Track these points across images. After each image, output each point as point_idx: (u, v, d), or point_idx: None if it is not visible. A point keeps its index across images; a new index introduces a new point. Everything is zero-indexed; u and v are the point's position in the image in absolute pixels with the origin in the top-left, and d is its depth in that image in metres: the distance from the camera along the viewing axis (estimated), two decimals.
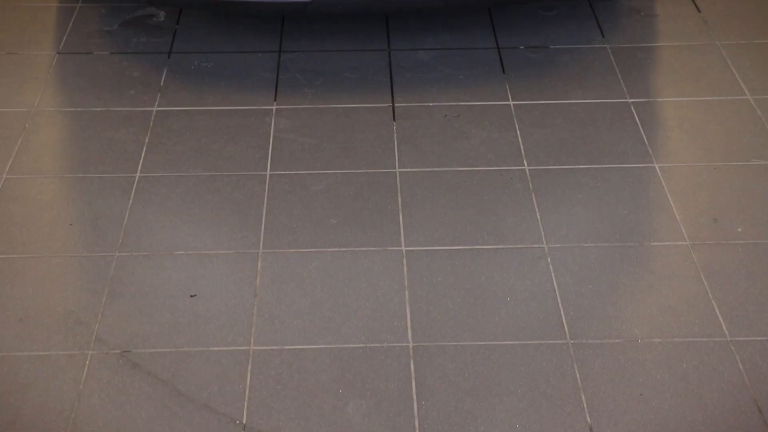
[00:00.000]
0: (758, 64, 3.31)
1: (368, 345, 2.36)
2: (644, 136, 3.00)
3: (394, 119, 3.08)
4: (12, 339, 2.37)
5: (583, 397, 2.24)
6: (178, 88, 3.21)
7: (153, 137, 3.00)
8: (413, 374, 2.29)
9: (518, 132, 3.02)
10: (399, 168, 2.89)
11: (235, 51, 3.39)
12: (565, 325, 2.40)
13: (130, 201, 2.76)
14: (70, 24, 3.52)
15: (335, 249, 2.61)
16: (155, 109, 3.12)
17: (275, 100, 3.16)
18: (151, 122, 3.06)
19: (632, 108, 3.12)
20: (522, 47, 3.41)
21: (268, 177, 2.85)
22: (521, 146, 2.96)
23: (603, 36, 3.46)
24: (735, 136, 3.00)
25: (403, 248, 2.62)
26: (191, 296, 2.48)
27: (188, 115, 3.09)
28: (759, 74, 3.26)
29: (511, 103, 3.14)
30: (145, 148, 2.95)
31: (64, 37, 3.45)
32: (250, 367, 2.30)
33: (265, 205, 2.75)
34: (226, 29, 3.50)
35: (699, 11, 3.60)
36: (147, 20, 3.55)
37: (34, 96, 3.17)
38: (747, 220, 2.70)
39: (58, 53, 3.38)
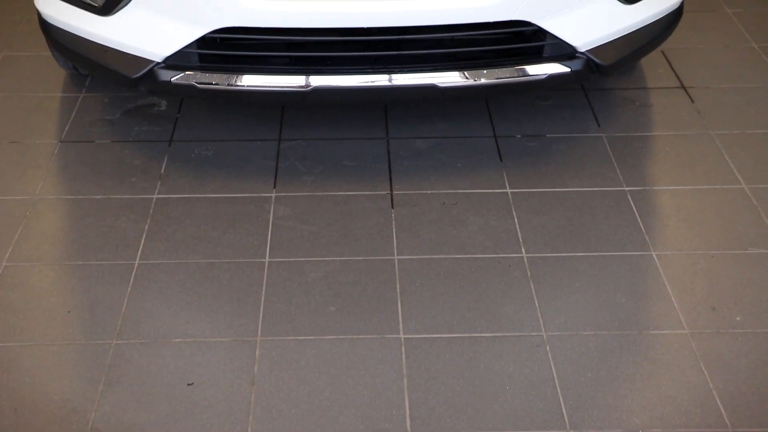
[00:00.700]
0: (752, 153, 3.35)
1: None
2: (641, 224, 3.02)
3: (393, 207, 3.10)
4: (7, 429, 2.34)
5: None
6: (179, 175, 3.24)
7: (153, 224, 3.01)
8: None
9: (516, 220, 3.04)
10: (397, 255, 2.90)
11: (236, 139, 3.43)
12: (564, 414, 2.38)
13: (129, 288, 2.76)
14: (73, 113, 3.57)
15: (333, 336, 2.61)
16: (155, 196, 3.14)
17: (275, 187, 3.19)
18: (151, 210, 3.08)
19: (629, 196, 3.14)
20: (519, 136, 3.46)
21: (266, 264, 2.86)
22: (519, 234, 2.98)
23: (598, 125, 3.51)
24: (731, 225, 3.02)
25: (402, 336, 2.61)
26: (188, 384, 2.46)
27: (188, 203, 3.11)
28: (753, 163, 3.29)
29: (509, 190, 3.17)
30: (144, 236, 2.97)
31: (67, 126, 3.50)
32: None
33: (263, 292, 2.75)
34: (227, 118, 3.55)
35: (692, 101, 3.65)
36: (149, 109, 3.60)
37: (36, 184, 3.20)
38: (746, 308, 2.70)
39: (60, 142, 3.41)
